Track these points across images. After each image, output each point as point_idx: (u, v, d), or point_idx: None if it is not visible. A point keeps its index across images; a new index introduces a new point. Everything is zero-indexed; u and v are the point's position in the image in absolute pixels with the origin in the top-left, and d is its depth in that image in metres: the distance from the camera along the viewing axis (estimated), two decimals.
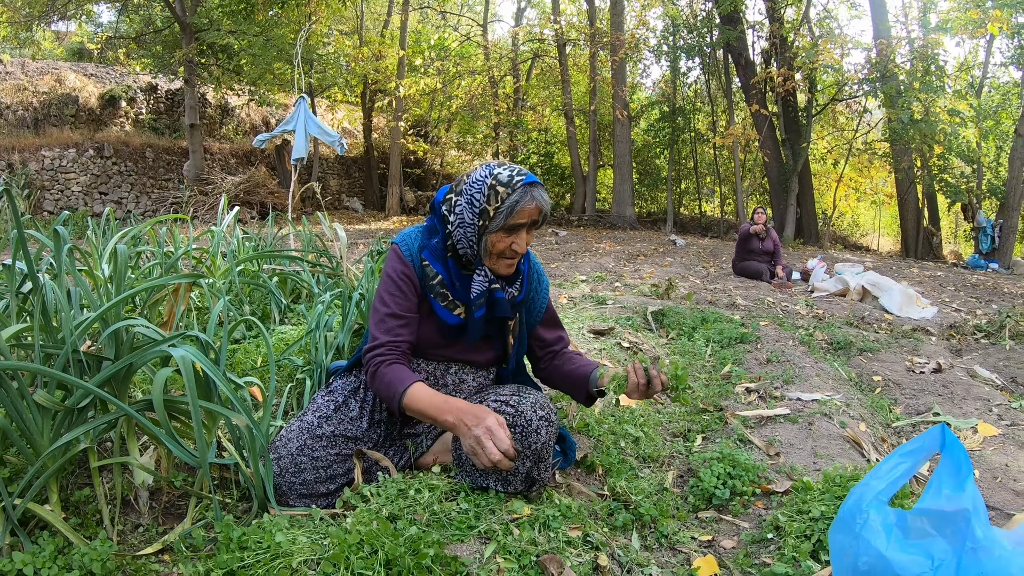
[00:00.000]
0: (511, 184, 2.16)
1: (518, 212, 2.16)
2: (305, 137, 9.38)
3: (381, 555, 1.71)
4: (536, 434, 2.11)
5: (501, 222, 2.17)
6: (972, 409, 3.85)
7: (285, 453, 2.19)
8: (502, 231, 2.19)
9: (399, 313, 2.27)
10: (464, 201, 2.22)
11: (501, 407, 2.15)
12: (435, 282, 2.29)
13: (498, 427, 2.00)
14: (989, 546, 1.34)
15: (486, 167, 2.24)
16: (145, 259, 4.70)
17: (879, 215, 32.72)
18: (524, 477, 2.15)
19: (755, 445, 3.03)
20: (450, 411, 2.06)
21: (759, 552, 2.16)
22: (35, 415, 1.93)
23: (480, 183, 2.20)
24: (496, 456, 1.96)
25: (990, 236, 16.97)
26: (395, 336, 2.25)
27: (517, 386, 2.33)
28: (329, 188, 23.33)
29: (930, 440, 1.45)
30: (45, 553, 1.75)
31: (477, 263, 2.28)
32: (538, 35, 23.41)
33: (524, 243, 2.23)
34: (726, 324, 5.62)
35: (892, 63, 17.77)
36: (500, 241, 2.20)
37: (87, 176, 17.37)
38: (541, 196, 2.19)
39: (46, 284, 2.14)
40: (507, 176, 2.17)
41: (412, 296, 2.30)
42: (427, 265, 2.30)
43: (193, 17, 17.62)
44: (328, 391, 2.42)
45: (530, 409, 2.13)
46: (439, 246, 2.31)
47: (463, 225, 2.22)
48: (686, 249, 15.45)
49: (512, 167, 2.21)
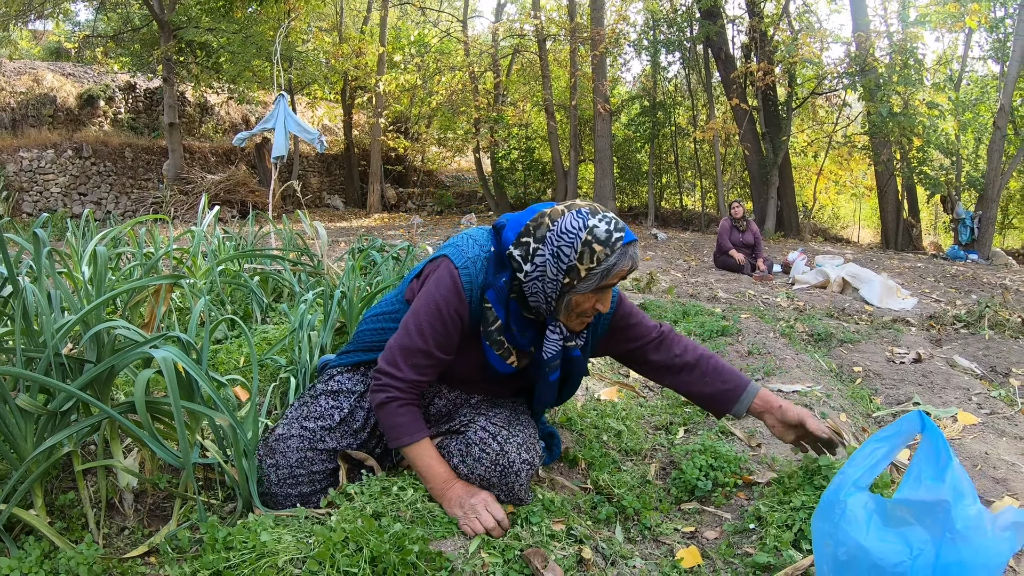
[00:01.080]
0: (610, 244, 1.91)
1: (615, 274, 1.94)
2: (285, 135, 9.35)
3: (366, 552, 1.72)
4: (516, 476, 2.07)
5: (594, 284, 1.94)
6: (952, 398, 3.91)
7: (284, 463, 2.14)
8: (590, 292, 1.97)
9: (434, 353, 2.06)
10: (548, 253, 1.95)
11: (488, 439, 2.09)
12: (493, 328, 2.07)
13: (495, 503, 2.00)
14: (968, 535, 1.36)
15: (579, 215, 1.94)
16: (125, 260, 4.67)
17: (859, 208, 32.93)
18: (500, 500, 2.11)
19: (736, 437, 3.06)
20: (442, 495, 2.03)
21: (741, 542, 2.19)
22: (18, 419, 1.92)
23: (572, 236, 1.92)
24: (490, 524, 1.95)
25: (969, 227, 17.12)
26: (420, 375, 2.07)
27: (510, 415, 2.23)
28: (310, 186, 23.24)
29: (907, 425, 1.47)
30: (31, 558, 1.75)
31: (550, 319, 2.09)
32: (518, 30, 23.36)
33: (608, 302, 2.04)
34: (707, 317, 5.66)
35: (871, 57, 17.86)
36: (586, 301, 1.99)
37: (66, 177, 17.22)
38: (636, 255, 1.97)
39: (26, 287, 2.13)
40: (605, 233, 1.91)
41: (456, 336, 2.09)
42: (489, 308, 2.06)
43: (171, 15, 17.47)
44: (332, 391, 2.29)
45: (515, 450, 2.08)
46: (505, 287, 2.05)
47: (543, 279, 1.97)
48: (667, 243, 15.52)
49: (610, 219, 1.94)
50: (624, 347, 2.38)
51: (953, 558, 1.36)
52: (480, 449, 2.08)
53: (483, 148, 23.36)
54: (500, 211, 22.55)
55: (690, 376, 2.34)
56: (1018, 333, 5.77)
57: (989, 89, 22.08)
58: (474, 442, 2.10)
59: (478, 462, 2.07)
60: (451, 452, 2.12)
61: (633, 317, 2.35)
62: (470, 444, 2.10)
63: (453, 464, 2.10)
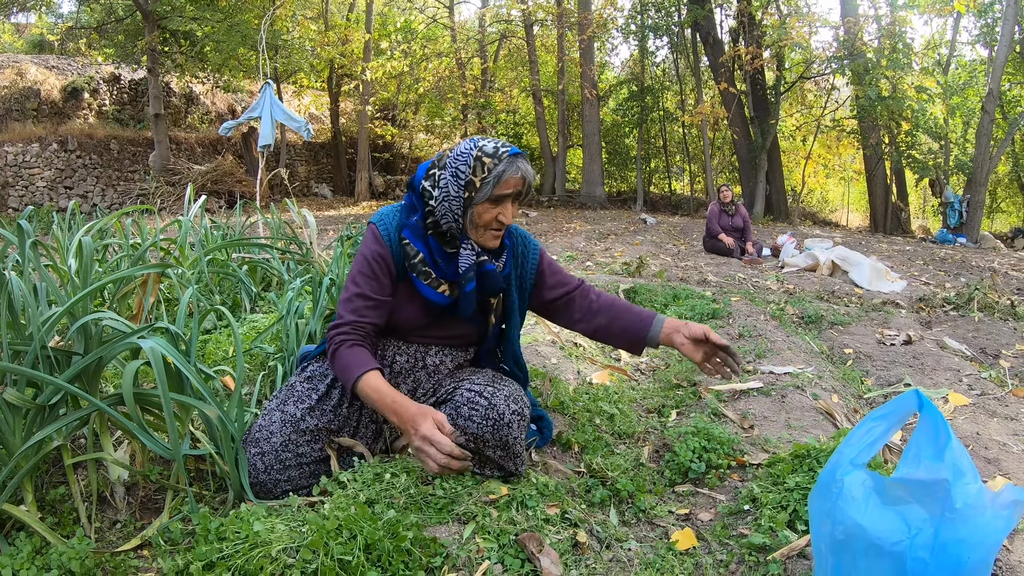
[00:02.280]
0: (497, 155, 2.15)
1: (504, 182, 2.13)
2: (271, 124, 9.30)
3: (360, 539, 1.71)
4: (508, 428, 2.12)
5: (488, 192, 2.14)
6: (943, 379, 3.92)
7: (269, 448, 2.13)
8: (488, 202, 2.16)
9: (368, 295, 2.23)
10: (449, 174, 2.19)
11: (474, 397, 2.14)
12: (416, 260, 2.24)
13: (434, 430, 1.98)
14: (968, 514, 1.36)
15: (471, 140, 2.22)
16: (112, 252, 4.64)
17: (848, 191, 33.06)
18: (497, 465, 2.18)
19: (729, 419, 3.06)
20: (394, 412, 2.04)
21: (736, 524, 2.19)
22: (6, 414, 1.90)
23: (466, 155, 2.17)
24: (442, 461, 1.97)
25: (958, 211, 17.18)
26: (360, 316, 2.21)
27: (494, 375, 2.32)
28: (297, 175, 23.13)
29: (905, 404, 1.46)
30: (23, 554, 1.73)
31: (462, 238, 2.24)
32: (505, 16, 23.28)
33: (510, 214, 2.21)
34: (698, 300, 5.66)
35: (860, 41, 17.88)
36: (487, 212, 2.17)
37: (51, 171, 17.07)
38: (525, 167, 2.17)
39: (12, 280, 2.10)
40: (492, 148, 2.16)
41: (385, 278, 2.26)
42: (407, 244, 2.25)
43: (155, 4, 17.29)
44: (306, 377, 2.35)
45: (503, 403, 2.13)
46: (419, 224, 2.26)
47: (448, 199, 2.19)
48: (656, 227, 15.52)
49: (496, 140, 2.19)
50: (550, 295, 2.53)
51: (952, 536, 1.36)
52: (469, 408, 2.13)
53: (471, 134, 23.30)
54: None
55: (606, 317, 2.50)
56: (1007, 315, 5.80)
57: (977, 73, 22.16)
58: (462, 403, 2.15)
59: (469, 420, 2.11)
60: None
61: (555, 268, 2.55)
62: (459, 406, 2.15)
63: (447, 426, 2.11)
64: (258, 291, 4.32)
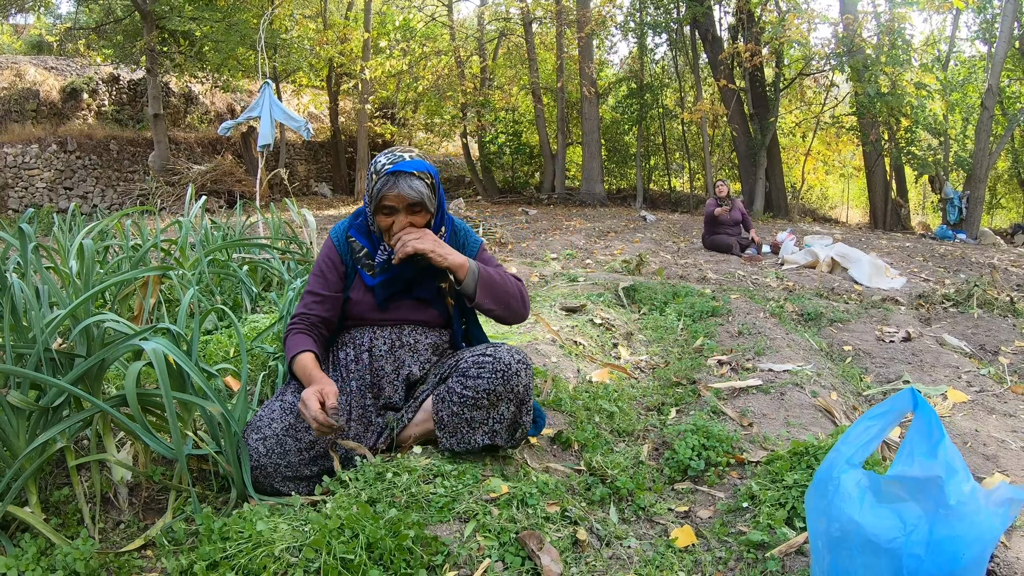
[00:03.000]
0: (379, 171, 2.30)
1: (380, 198, 2.30)
2: (271, 123, 9.30)
3: (362, 538, 1.72)
4: (517, 376, 2.24)
5: (374, 205, 2.34)
6: (942, 376, 3.93)
7: (271, 433, 2.20)
8: (379, 213, 2.34)
9: (316, 291, 2.46)
10: (367, 182, 2.39)
11: (479, 357, 2.27)
12: (361, 254, 2.46)
13: (311, 397, 2.12)
14: (962, 510, 1.37)
15: (383, 152, 2.39)
16: (113, 253, 4.65)
17: (847, 188, 33.03)
18: (509, 424, 2.28)
19: (728, 416, 3.07)
20: (308, 383, 2.25)
21: (735, 521, 2.20)
22: (10, 416, 1.92)
23: (369, 168, 2.37)
24: (310, 419, 2.09)
25: (957, 207, 17.18)
26: (308, 310, 2.45)
27: (489, 342, 2.49)
28: (297, 174, 23.12)
29: (900, 403, 1.47)
30: (28, 555, 1.75)
31: (379, 239, 2.43)
32: (504, 13, 23.25)
33: (403, 225, 2.33)
34: (697, 298, 5.67)
35: (859, 37, 17.88)
36: (380, 221, 2.35)
37: (51, 172, 17.06)
38: (406, 185, 2.28)
39: (14, 283, 2.11)
40: (382, 163, 2.31)
41: (333, 276, 2.47)
42: (352, 241, 2.48)
43: (154, 5, 17.27)
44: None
45: (507, 354, 2.27)
46: (363, 223, 2.49)
47: (367, 201, 2.41)
48: (656, 225, 15.52)
49: (394, 154, 2.33)
50: None
51: (946, 533, 1.37)
52: (477, 368, 2.25)
53: (470, 133, 23.30)
54: (488, 196, 22.53)
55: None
56: (1006, 311, 5.80)
57: (977, 69, 22.12)
58: (469, 366, 2.27)
59: (479, 378, 2.23)
60: (452, 389, 2.26)
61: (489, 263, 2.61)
62: (466, 370, 2.27)
63: (458, 392, 2.25)
64: (258, 291, 4.33)
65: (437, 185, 2.41)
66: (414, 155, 2.35)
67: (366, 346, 2.47)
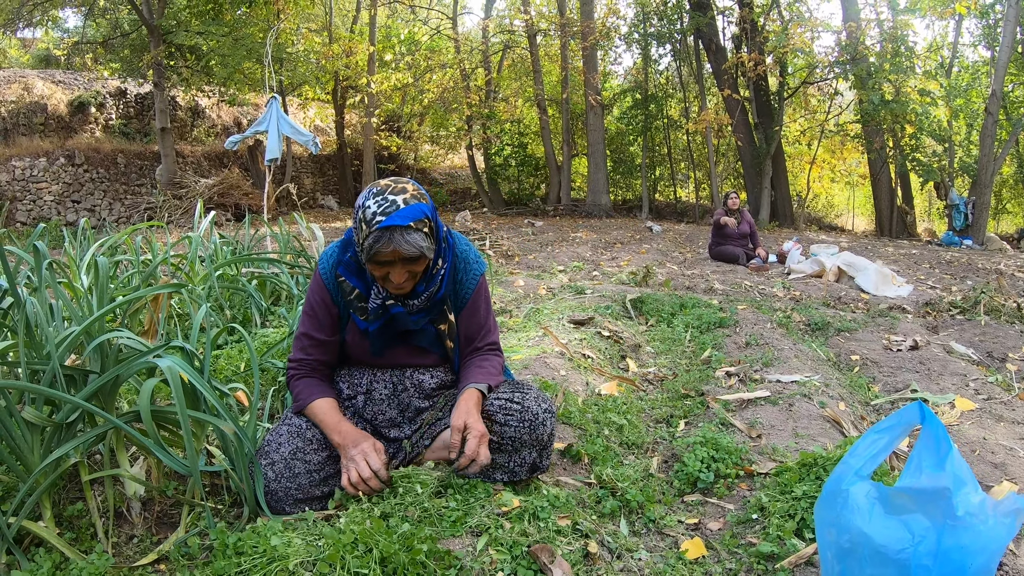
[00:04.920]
0: (371, 223, 2.05)
1: (375, 254, 2.07)
2: (278, 138, 9.33)
3: (376, 553, 1.74)
4: (543, 426, 2.24)
5: (365, 258, 2.12)
6: (949, 384, 3.93)
7: (278, 458, 2.17)
8: (372, 263, 2.13)
9: (311, 334, 2.36)
10: (353, 225, 2.18)
11: (506, 404, 2.25)
12: (352, 297, 2.27)
13: (372, 451, 2.12)
14: (970, 521, 1.39)
15: (367, 191, 2.14)
16: (123, 268, 4.68)
17: (853, 196, 32.96)
18: (529, 467, 2.27)
19: (737, 428, 3.08)
20: (337, 432, 2.20)
21: (745, 532, 2.21)
22: (24, 432, 1.94)
23: (356, 211, 2.12)
24: (366, 473, 2.08)
25: (963, 213, 17.15)
26: (306, 354, 2.37)
27: (513, 384, 2.38)
28: (303, 187, 23.19)
29: (907, 416, 1.49)
30: (43, 570, 1.77)
31: (372, 282, 2.25)
32: (508, 26, 23.35)
33: (400, 277, 2.13)
34: (704, 309, 5.68)
35: (862, 45, 17.89)
36: (375, 270, 2.15)
37: (59, 185, 17.16)
38: (403, 241, 2.04)
39: (27, 300, 2.14)
40: (372, 213, 2.06)
41: (326, 318, 2.35)
42: (343, 281, 2.29)
43: (160, 19, 17.41)
44: None
45: (535, 403, 2.25)
46: (352, 260, 2.28)
47: (357, 244, 2.18)
48: (662, 235, 15.53)
49: (385, 199, 2.07)
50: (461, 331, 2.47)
51: (954, 543, 1.39)
52: (504, 414, 2.24)
53: (476, 145, 23.36)
54: (494, 208, 22.57)
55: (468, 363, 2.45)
56: (1014, 318, 5.80)
57: (980, 75, 22.12)
58: (495, 411, 2.25)
59: (506, 426, 2.22)
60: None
61: (475, 320, 2.44)
62: (492, 414, 2.24)
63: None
64: (268, 305, 4.36)
65: (434, 222, 2.18)
66: (408, 195, 2.09)
67: (364, 388, 2.42)
